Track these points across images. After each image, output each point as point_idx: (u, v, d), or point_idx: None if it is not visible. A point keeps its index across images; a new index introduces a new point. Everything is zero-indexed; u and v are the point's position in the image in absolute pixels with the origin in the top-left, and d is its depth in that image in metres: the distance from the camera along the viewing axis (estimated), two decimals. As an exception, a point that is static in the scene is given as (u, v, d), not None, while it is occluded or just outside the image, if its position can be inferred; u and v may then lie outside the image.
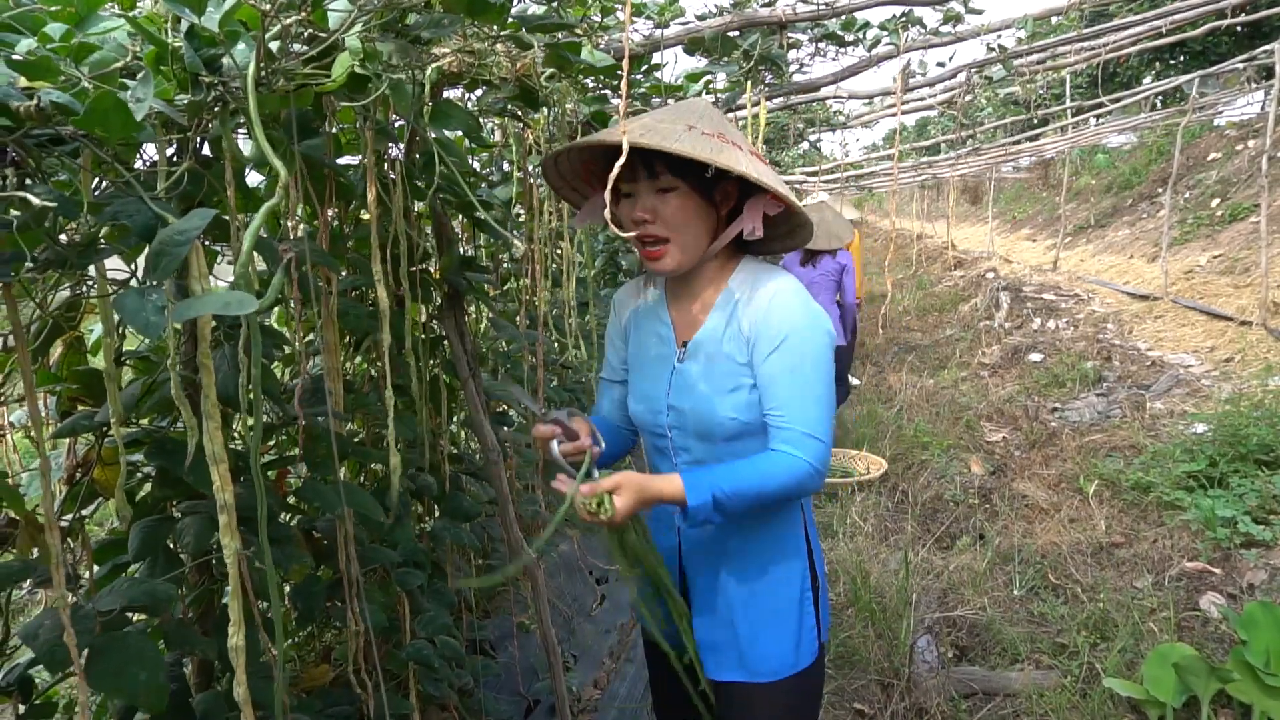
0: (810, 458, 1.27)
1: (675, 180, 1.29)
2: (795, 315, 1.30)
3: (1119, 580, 3.44)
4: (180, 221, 0.71)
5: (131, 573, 1.35)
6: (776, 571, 1.42)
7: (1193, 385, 5.67)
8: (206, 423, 0.82)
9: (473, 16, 1.07)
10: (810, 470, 1.27)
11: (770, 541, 1.43)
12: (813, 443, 1.27)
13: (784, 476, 1.26)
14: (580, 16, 1.74)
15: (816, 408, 1.28)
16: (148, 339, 0.76)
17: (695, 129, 1.26)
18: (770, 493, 1.26)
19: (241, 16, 0.81)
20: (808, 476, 1.27)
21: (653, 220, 1.31)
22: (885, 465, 5.11)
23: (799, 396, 1.28)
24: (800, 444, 1.27)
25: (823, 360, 1.30)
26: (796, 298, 1.32)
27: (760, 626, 1.42)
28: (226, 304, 0.68)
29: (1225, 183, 10.55)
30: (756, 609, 1.42)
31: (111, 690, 1.02)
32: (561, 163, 1.42)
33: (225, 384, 1.21)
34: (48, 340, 1.21)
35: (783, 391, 1.29)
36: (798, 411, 1.28)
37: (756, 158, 1.32)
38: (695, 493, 1.23)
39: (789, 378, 1.28)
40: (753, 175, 1.23)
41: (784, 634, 1.42)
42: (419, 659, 1.80)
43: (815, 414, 1.28)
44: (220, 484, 0.86)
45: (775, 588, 1.42)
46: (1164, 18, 4.11)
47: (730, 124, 1.36)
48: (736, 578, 1.43)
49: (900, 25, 2.62)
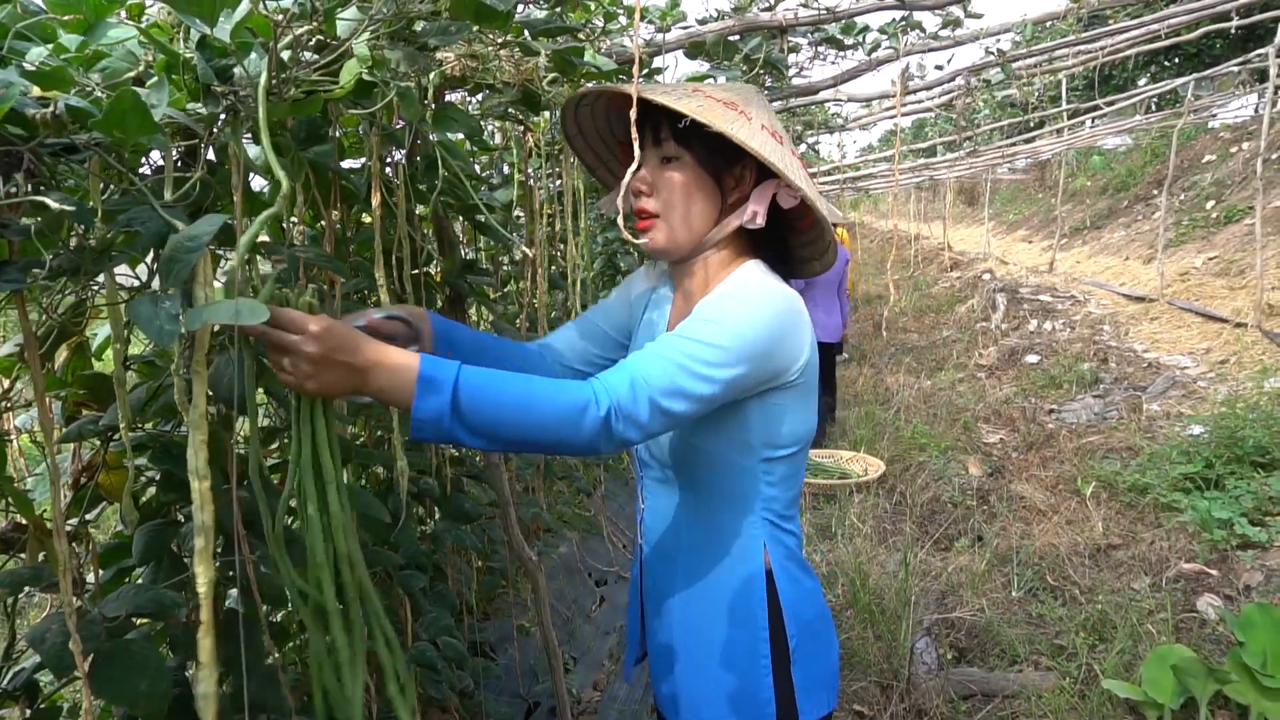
0: (604, 392, 0.97)
1: (679, 150, 1.16)
2: (731, 293, 1.12)
3: (1117, 582, 3.46)
4: (191, 228, 0.71)
5: (135, 577, 1.36)
6: (721, 626, 1.22)
7: (1189, 387, 5.70)
8: (193, 434, 0.80)
9: (480, 23, 1.08)
10: (589, 407, 0.95)
11: (718, 589, 1.22)
12: (623, 381, 0.99)
13: (554, 405, 0.94)
14: (583, 21, 1.74)
15: (661, 362, 1.01)
16: (159, 345, 0.76)
17: (701, 92, 1.13)
18: (535, 422, 0.94)
19: (252, 25, 0.82)
20: (580, 416, 0.94)
21: (649, 192, 1.18)
22: (883, 467, 5.13)
23: (656, 346, 1.05)
24: (609, 376, 1.00)
25: (719, 340, 1.04)
26: (752, 290, 1.13)
27: (696, 680, 1.24)
28: (237, 313, 0.69)
29: (1220, 185, 10.60)
30: (694, 661, 1.25)
31: (113, 698, 1.02)
32: (583, 119, 1.31)
33: (231, 389, 1.21)
34: (53, 345, 1.21)
35: (660, 340, 1.06)
36: (640, 354, 1.04)
37: (774, 138, 1.15)
38: (434, 369, 0.91)
39: (670, 335, 1.07)
40: (740, 138, 1.07)
41: (721, 696, 1.21)
42: (421, 661, 1.80)
43: (655, 364, 1.01)
44: (200, 502, 0.78)
45: (719, 645, 1.22)
46: (1160, 22, 4.13)
47: (758, 103, 1.20)
48: (680, 624, 1.27)
49: (900, 29, 2.63)
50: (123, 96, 0.60)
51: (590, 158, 1.39)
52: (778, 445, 1.19)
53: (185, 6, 0.68)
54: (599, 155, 1.39)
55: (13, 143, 0.62)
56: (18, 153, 0.63)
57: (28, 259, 0.68)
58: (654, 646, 1.33)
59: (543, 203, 2.40)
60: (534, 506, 2.75)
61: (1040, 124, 11.08)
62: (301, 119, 1.20)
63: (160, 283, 0.66)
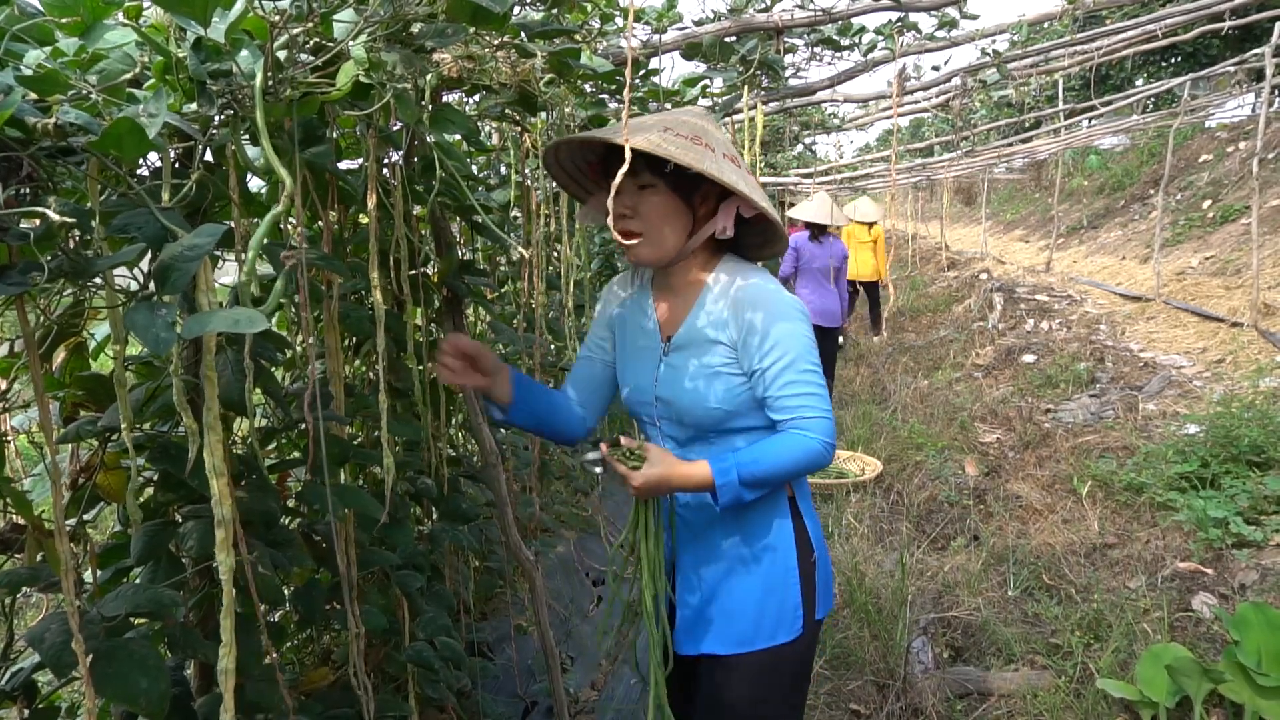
0: (820, 434, 1.38)
1: (654, 179, 1.39)
2: (774, 308, 1.40)
3: (1112, 580, 3.47)
4: (189, 237, 0.72)
5: (133, 577, 1.36)
6: (760, 546, 1.50)
7: (1185, 386, 5.71)
8: (208, 435, 0.82)
9: (476, 25, 1.08)
10: (822, 446, 1.38)
11: (755, 518, 1.50)
12: (818, 420, 1.38)
13: (799, 454, 1.37)
14: (580, 23, 1.75)
15: (812, 387, 1.39)
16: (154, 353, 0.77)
17: (670, 131, 1.36)
18: (787, 469, 1.38)
19: (248, 27, 0.82)
20: (820, 452, 1.38)
21: (631, 215, 1.42)
22: (880, 466, 5.14)
23: (796, 381, 1.39)
24: (808, 424, 1.38)
25: (806, 341, 1.41)
26: (771, 291, 1.42)
27: (739, 598, 1.49)
28: (235, 321, 0.69)
29: (1216, 184, 10.62)
30: (736, 582, 1.50)
31: (114, 696, 1.02)
32: (562, 157, 1.52)
33: (229, 390, 1.22)
34: (51, 346, 1.21)
35: (782, 378, 1.39)
36: (799, 394, 1.38)
37: (732, 162, 1.41)
38: (723, 475, 1.36)
39: (783, 366, 1.39)
40: (712, 173, 1.31)
41: (762, 607, 1.48)
42: (419, 661, 1.80)
43: (814, 393, 1.39)
44: (219, 497, 0.85)
45: (758, 562, 1.49)
46: (1157, 22, 4.14)
47: (715, 131, 1.45)
48: (720, 552, 1.52)
49: (896, 30, 2.64)
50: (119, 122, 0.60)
51: (562, 177, 1.58)
52: None
53: (177, 7, 0.68)
54: (569, 174, 1.58)
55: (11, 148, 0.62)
56: (17, 157, 0.63)
57: (26, 262, 0.68)
58: (686, 581, 1.57)
59: (540, 203, 2.40)
60: (530, 506, 2.76)
61: (1037, 124, 11.10)
62: (298, 120, 1.20)
63: (157, 291, 0.67)
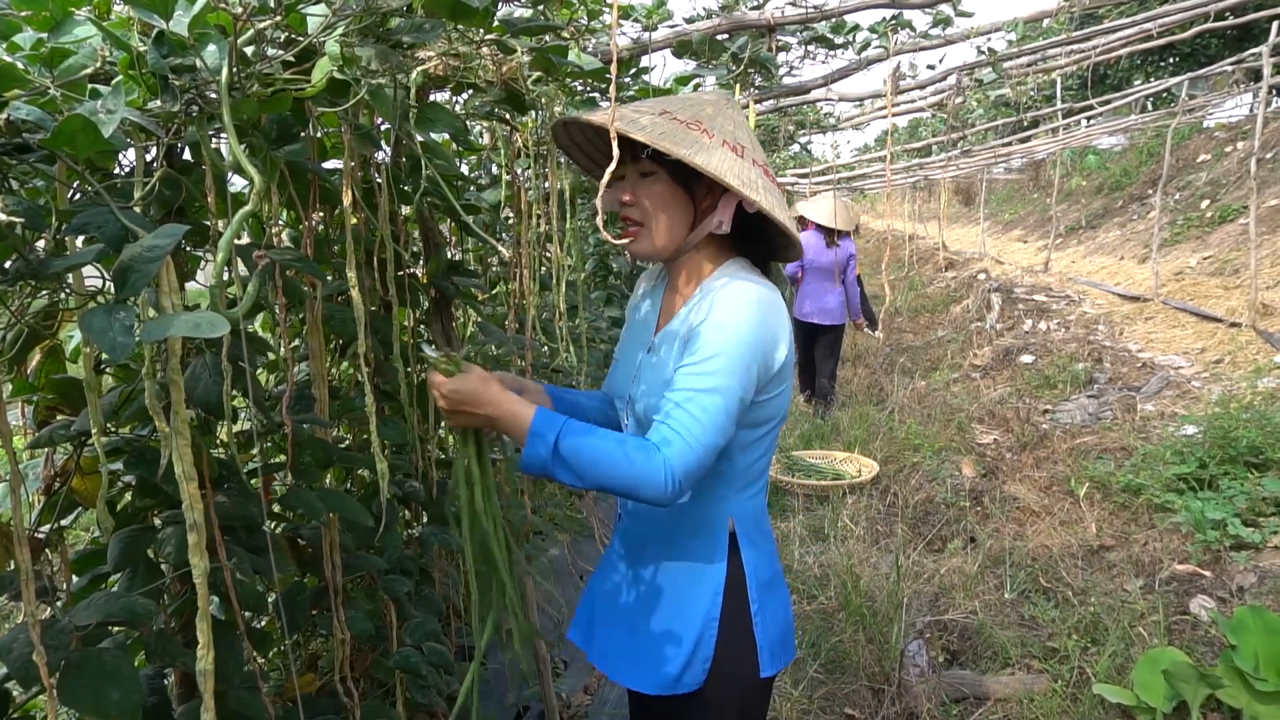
0: (674, 463, 1.16)
1: (654, 166, 1.31)
2: (721, 313, 1.24)
3: (1109, 583, 3.44)
4: (150, 237, 0.69)
5: (112, 583, 1.34)
6: (681, 588, 1.38)
7: (1183, 387, 5.69)
8: (176, 439, 0.80)
9: (455, 20, 1.06)
10: (664, 477, 1.16)
11: (687, 547, 1.38)
12: (684, 446, 1.17)
13: (638, 468, 1.16)
14: (567, 19, 1.72)
15: (707, 413, 1.19)
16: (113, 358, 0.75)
17: (668, 115, 1.26)
18: (609, 476, 1.17)
19: (212, 20, 0.79)
20: (657, 483, 1.16)
21: (633, 203, 1.35)
22: (876, 468, 5.11)
23: (695, 396, 1.20)
24: (670, 445, 1.18)
25: (728, 365, 1.20)
26: (739, 300, 1.25)
27: (649, 637, 1.39)
28: (197, 325, 0.66)
29: (1215, 184, 10.60)
30: (649, 619, 1.40)
31: (83, 708, 1.00)
32: (573, 131, 1.46)
33: (207, 393, 1.19)
34: (24, 348, 1.19)
35: (682, 382, 1.22)
36: (685, 409, 1.20)
37: (734, 152, 1.26)
38: (542, 427, 1.17)
39: (693, 373, 1.21)
40: (697, 161, 1.19)
41: (668, 652, 1.36)
42: (406, 666, 1.78)
43: (700, 419, 1.19)
44: (189, 502, 0.83)
45: (676, 604, 1.38)
46: (1153, 20, 4.12)
47: (725, 117, 1.31)
48: (640, 577, 1.43)
49: (890, 28, 2.61)
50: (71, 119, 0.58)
51: (586, 162, 1.54)
52: (756, 425, 1.34)
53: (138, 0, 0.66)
54: (593, 159, 1.54)
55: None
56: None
57: (-20, 263, 0.66)
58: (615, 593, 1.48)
59: (532, 203, 2.37)
60: (520, 509, 2.73)
61: (1035, 123, 11.08)
62: (273, 117, 1.18)
63: (115, 293, 0.64)
